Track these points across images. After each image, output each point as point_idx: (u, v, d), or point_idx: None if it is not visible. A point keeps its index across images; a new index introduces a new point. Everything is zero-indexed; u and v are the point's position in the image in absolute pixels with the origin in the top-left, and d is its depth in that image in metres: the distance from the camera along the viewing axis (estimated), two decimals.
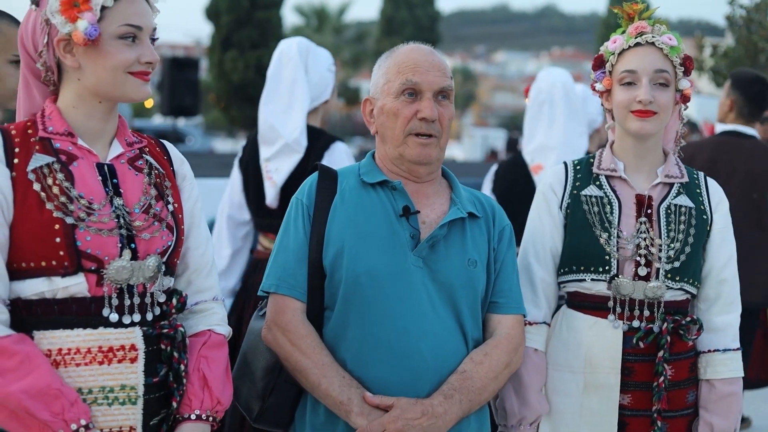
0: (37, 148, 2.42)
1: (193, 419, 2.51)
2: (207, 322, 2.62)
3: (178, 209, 2.58)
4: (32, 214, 2.36)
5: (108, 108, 2.50)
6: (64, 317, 2.38)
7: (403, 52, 2.88)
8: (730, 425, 3.03)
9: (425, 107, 2.78)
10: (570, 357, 3.04)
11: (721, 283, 3.07)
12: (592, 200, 3.05)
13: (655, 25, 3.04)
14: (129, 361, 2.42)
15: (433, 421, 2.65)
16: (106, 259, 2.39)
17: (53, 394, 2.30)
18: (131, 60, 2.45)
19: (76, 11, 2.40)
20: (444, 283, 2.77)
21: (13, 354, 2.29)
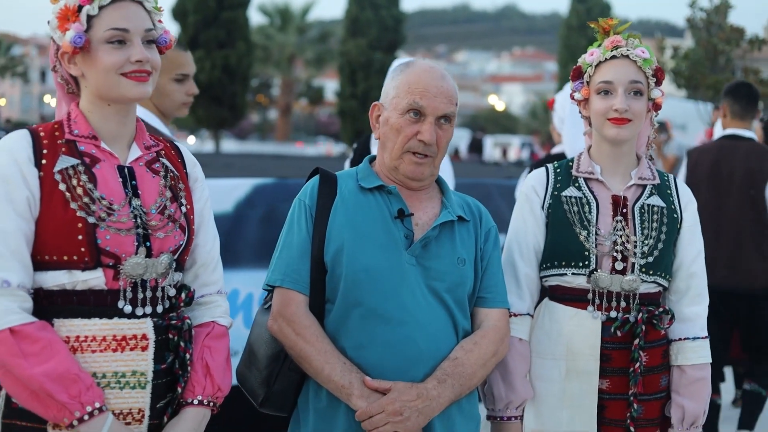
0: (63, 150, 2.58)
1: (195, 404, 2.68)
2: (211, 314, 2.80)
3: (190, 210, 2.76)
4: (57, 212, 2.53)
5: (119, 111, 2.65)
6: (82, 307, 2.55)
7: (416, 72, 3.05)
8: (700, 407, 3.26)
9: (426, 131, 2.98)
10: (552, 345, 3.25)
11: (691, 276, 3.30)
12: (572, 200, 3.27)
13: (629, 38, 3.28)
14: (140, 349, 2.59)
15: (428, 403, 2.86)
16: (123, 256, 2.56)
17: (71, 379, 2.46)
18: (120, 62, 2.58)
19: (67, 23, 2.57)
20: (436, 280, 2.98)
21: (36, 340, 2.45)
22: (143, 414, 2.60)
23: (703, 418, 3.30)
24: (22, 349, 2.43)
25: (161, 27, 2.69)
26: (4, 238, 2.49)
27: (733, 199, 6.07)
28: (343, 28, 35.57)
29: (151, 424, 2.62)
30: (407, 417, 2.83)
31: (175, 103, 4.37)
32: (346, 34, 35.16)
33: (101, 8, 2.57)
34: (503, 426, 3.25)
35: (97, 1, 2.56)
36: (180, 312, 2.70)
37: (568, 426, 3.24)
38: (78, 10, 2.56)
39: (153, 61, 2.63)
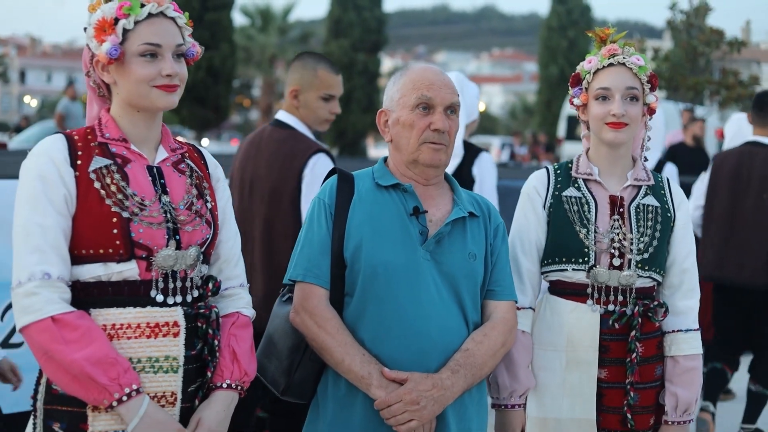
0: (97, 152, 2.76)
1: (224, 388, 2.85)
2: (235, 305, 2.97)
3: (214, 207, 2.93)
4: (93, 208, 2.70)
5: (147, 117, 2.83)
6: (117, 297, 2.72)
7: (417, 71, 3.25)
8: (692, 395, 3.45)
9: (438, 120, 3.16)
10: (553, 337, 3.44)
11: (684, 272, 3.49)
12: (572, 200, 3.46)
13: (625, 47, 3.47)
14: (172, 336, 2.76)
15: (443, 392, 3.03)
16: (155, 249, 2.74)
17: (110, 362, 2.62)
18: (152, 74, 2.76)
19: (104, 35, 2.74)
20: (448, 274, 3.15)
21: (76, 327, 2.62)
22: (176, 397, 2.76)
23: (695, 405, 3.47)
24: (63, 336, 2.59)
25: (189, 41, 2.85)
26: (44, 234, 2.65)
27: (750, 201, 6.53)
28: (326, 29, 35.56)
29: (183, 407, 2.78)
30: (424, 406, 3.00)
31: (319, 119, 4.89)
32: (328, 35, 35.19)
33: (137, 23, 2.74)
34: (507, 414, 3.42)
35: (133, 16, 2.73)
36: (207, 301, 2.87)
37: (568, 413, 3.41)
38: (114, 22, 2.73)
39: (181, 74, 2.81)
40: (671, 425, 3.45)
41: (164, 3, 2.78)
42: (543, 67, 42.25)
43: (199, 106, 28.64)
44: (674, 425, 3.45)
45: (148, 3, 2.75)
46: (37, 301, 2.61)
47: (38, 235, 2.65)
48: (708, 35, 21.81)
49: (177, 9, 2.82)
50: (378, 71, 36.00)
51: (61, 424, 2.71)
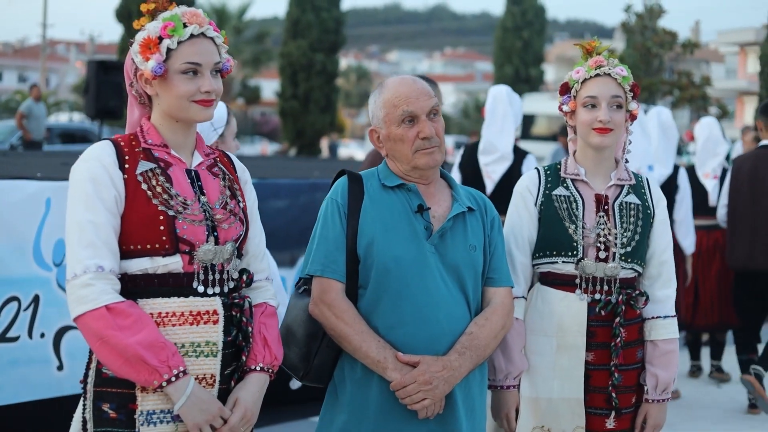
0: (142, 156, 3.03)
1: (257, 370, 3.13)
2: (263, 296, 3.25)
3: (245, 207, 3.21)
4: (141, 207, 2.97)
5: (185, 126, 3.11)
6: (163, 288, 2.98)
7: (392, 87, 3.50)
8: (670, 375, 3.78)
9: (424, 128, 3.43)
10: (544, 324, 3.74)
11: (662, 264, 3.81)
12: (561, 199, 3.77)
13: (610, 58, 3.80)
14: (212, 323, 3.02)
15: (452, 372, 3.33)
16: (197, 244, 3.00)
17: (160, 346, 2.88)
18: (192, 91, 3.03)
19: (149, 53, 3.01)
20: (452, 265, 3.43)
21: (129, 315, 2.88)
22: (215, 379, 3.03)
23: (672, 385, 3.81)
24: (117, 323, 2.85)
25: (225, 57, 3.12)
26: (97, 230, 2.91)
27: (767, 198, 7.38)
28: (284, 29, 35.66)
29: (221, 388, 3.05)
30: (436, 385, 3.30)
31: None
32: (286, 36, 35.29)
33: (180, 43, 3.00)
34: (503, 394, 3.74)
35: (177, 37, 2.99)
36: (241, 292, 3.14)
37: (558, 393, 3.72)
38: (159, 41, 2.99)
39: (217, 89, 3.08)
40: (651, 403, 3.77)
41: (204, 24, 3.04)
42: (498, 67, 42.64)
43: None
44: (654, 403, 3.77)
45: (190, 24, 3.01)
46: (92, 291, 2.87)
47: (91, 231, 2.90)
48: (661, 37, 22.37)
49: (215, 29, 3.08)
50: (336, 71, 36.15)
51: (110, 405, 2.96)
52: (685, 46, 22.27)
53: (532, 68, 42.11)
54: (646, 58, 22.15)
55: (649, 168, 7.63)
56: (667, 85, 22.02)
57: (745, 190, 7.52)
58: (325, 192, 6.99)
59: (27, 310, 5.74)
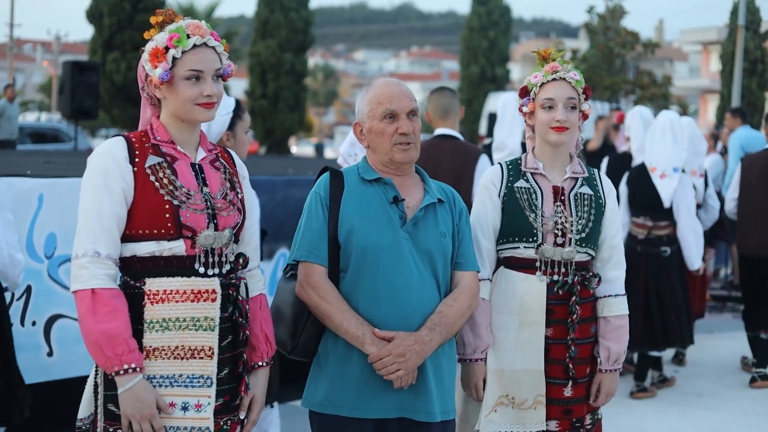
0: (151, 151, 3.38)
1: (264, 366, 3.55)
2: (257, 287, 3.62)
3: (243, 198, 3.56)
4: (149, 197, 3.31)
5: (189, 126, 3.45)
6: (168, 269, 3.32)
7: (379, 86, 3.89)
8: (621, 348, 4.16)
9: (403, 125, 3.81)
10: (508, 303, 4.10)
11: (613, 248, 4.20)
12: (522, 190, 4.14)
13: (564, 64, 4.20)
14: (211, 301, 3.34)
15: (423, 346, 3.68)
16: (198, 230, 3.33)
17: (120, 341, 3.18)
18: (195, 95, 3.37)
19: (157, 61, 3.37)
20: (424, 251, 3.78)
21: (107, 304, 3.20)
22: (213, 351, 3.37)
23: (623, 356, 4.20)
24: (94, 308, 3.20)
25: (226, 62, 3.47)
26: (99, 218, 3.26)
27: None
28: (253, 29, 35.76)
29: (219, 358, 3.39)
30: (408, 358, 3.64)
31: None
32: (256, 36, 35.41)
33: (184, 52, 3.35)
34: (471, 366, 4.10)
35: (181, 47, 3.34)
36: (237, 274, 3.50)
37: (521, 365, 4.08)
38: (165, 51, 3.35)
39: (218, 93, 3.42)
40: (605, 373, 4.16)
41: (206, 35, 3.39)
42: (464, 66, 42.93)
43: (130, 105, 28.81)
44: (607, 373, 4.16)
45: (193, 35, 3.36)
46: (86, 273, 3.23)
47: (95, 219, 3.25)
48: (623, 37, 22.82)
49: (216, 38, 3.43)
50: (305, 71, 36.30)
51: None
52: (646, 46, 22.72)
53: (498, 67, 42.44)
54: (609, 58, 22.57)
55: (674, 170, 7.84)
56: (629, 84, 22.45)
57: (757, 186, 8.58)
58: (300, 188, 7.32)
59: (20, 299, 6.01)
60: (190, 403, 3.33)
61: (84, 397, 3.42)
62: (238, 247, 3.55)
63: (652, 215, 7.97)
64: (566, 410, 4.12)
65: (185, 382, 3.32)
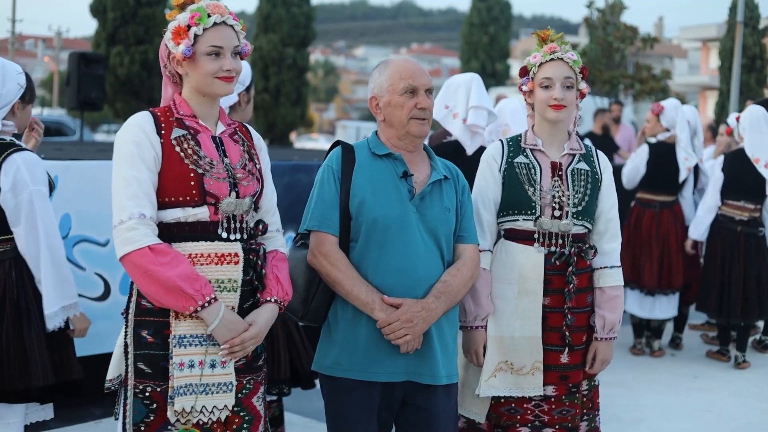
0: (175, 125, 3.56)
1: (271, 302, 3.65)
2: (274, 244, 3.77)
3: (261, 168, 3.74)
4: (175, 166, 3.48)
5: (210, 100, 3.63)
6: (193, 233, 3.48)
7: (400, 63, 4.06)
8: (616, 317, 4.33)
9: (422, 100, 3.98)
10: (508, 273, 4.24)
11: (608, 221, 4.36)
12: (521, 166, 4.30)
13: (562, 45, 4.37)
14: (233, 264, 3.51)
15: (429, 313, 3.84)
16: (221, 197, 3.50)
17: (194, 278, 3.38)
18: (215, 69, 3.55)
19: (179, 38, 3.56)
20: (430, 224, 3.93)
21: (167, 254, 3.39)
22: (234, 310, 3.54)
23: (618, 325, 4.36)
24: (158, 260, 3.38)
25: (243, 41, 3.66)
26: (140, 184, 3.44)
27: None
28: (255, 24, 35.88)
29: None
30: (415, 324, 3.80)
31: None
32: (258, 31, 35.51)
33: (205, 30, 3.54)
34: (472, 333, 4.27)
35: (202, 25, 3.53)
36: (257, 239, 3.68)
37: (520, 332, 4.23)
38: (188, 29, 3.54)
39: (237, 68, 3.60)
40: (600, 341, 4.33)
41: (225, 14, 3.58)
42: (464, 62, 42.98)
43: (134, 99, 28.94)
44: (602, 341, 4.33)
45: (213, 14, 3.55)
46: (137, 234, 3.40)
47: (135, 185, 3.43)
48: (623, 32, 22.92)
49: (235, 18, 3.62)
50: (307, 65, 36.41)
51: (148, 331, 3.49)
52: (645, 41, 22.83)
53: (498, 63, 42.55)
54: (608, 53, 22.67)
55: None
56: (628, 78, 22.57)
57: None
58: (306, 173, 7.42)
59: None
60: (217, 360, 3.50)
61: (113, 359, 3.59)
62: (258, 214, 3.73)
63: (753, 199, 8.68)
64: (563, 376, 4.27)
65: (213, 341, 3.49)
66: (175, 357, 3.44)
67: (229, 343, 3.48)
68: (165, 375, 3.46)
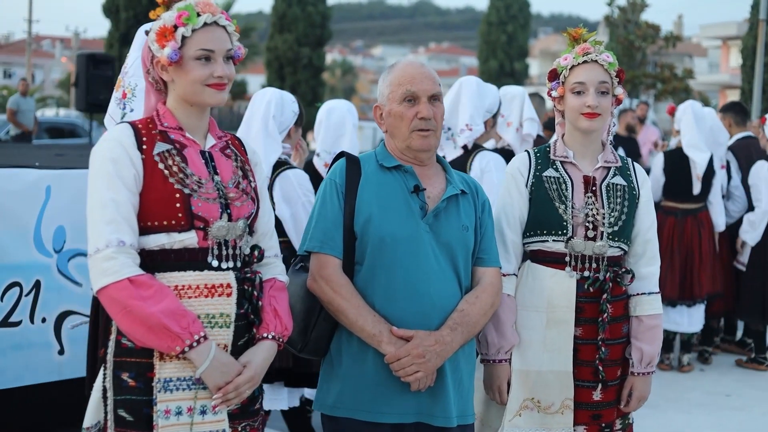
0: (159, 138, 3.18)
1: (269, 339, 3.27)
2: (272, 272, 3.40)
3: (256, 187, 3.36)
4: (158, 185, 3.11)
5: (199, 110, 3.25)
6: (179, 262, 3.12)
7: (401, 67, 3.69)
8: (655, 350, 3.94)
9: (423, 109, 3.59)
10: (535, 300, 3.87)
11: (647, 242, 3.97)
12: (551, 180, 3.91)
13: (596, 45, 3.95)
14: (226, 296, 3.15)
15: (444, 347, 3.48)
16: (211, 220, 3.15)
17: (181, 314, 3.02)
18: (205, 75, 3.17)
19: (165, 40, 3.16)
20: (445, 244, 3.57)
21: (150, 286, 3.02)
22: (227, 348, 3.17)
23: (656, 359, 3.97)
24: (140, 294, 2.99)
25: (236, 44, 3.27)
26: (118, 207, 3.06)
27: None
28: (270, 24, 35.76)
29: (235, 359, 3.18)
30: (428, 359, 3.44)
31: None
32: (273, 30, 35.39)
33: (194, 31, 3.15)
34: (495, 367, 3.89)
35: (191, 25, 3.14)
36: (253, 268, 3.30)
37: (548, 366, 3.86)
38: (174, 29, 3.14)
39: (230, 74, 3.23)
40: (637, 376, 3.94)
41: (217, 13, 3.19)
42: (482, 61, 42.83)
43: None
44: (639, 376, 3.94)
45: (203, 13, 3.16)
46: (115, 264, 3.01)
47: (113, 208, 3.05)
48: (644, 30, 22.57)
49: (227, 18, 3.23)
50: (322, 65, 36.27)
51: (129, 373, 3.11)
52: (667, 39, 22.47)
53: (516, 62, 42.34)
54: (629, 52, 22.33)
55: None
56: (650, 78, 22.21)
57: None
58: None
59: (28, 295, 5.80)
60: (208, 405, 3.13)
61: (90, 404, 3.24)
62: (253, 239, 3.37)
63: None
64: (595, 415, 3.91)
65: (202, 384, 3.13)
66: (159, 403, 3.09)
67: (222, 391, 3.12)
68: (149, 423, 3.10)
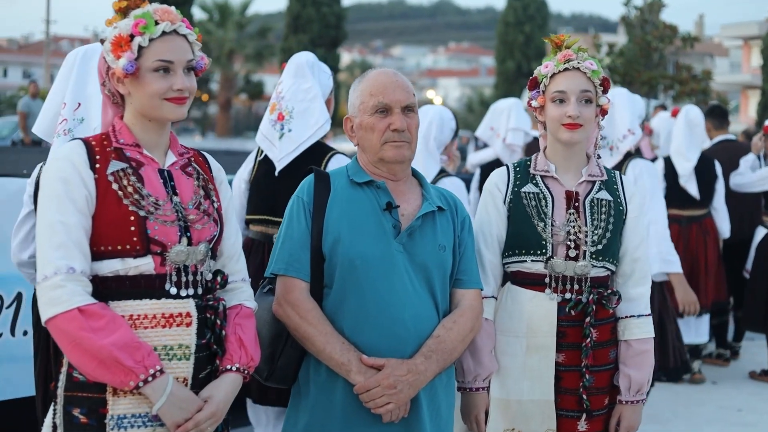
0: (113, 156, 2.97)
1: (233, 371, 3.06)
2: (238, 298, 3.19)
3: (219, 207, 3.16)
4: (111, 207, 2.91)
5: (158, 125, 3.05)
6: (134, 290, 2.93)
7: (372, 77, 3.48)
8: (644, 377, 3.69)
9: (395, 121, 3.38)
10: (514, 324, 3.65)
11: (635, 261, 3.72)
12: (530, 196, 3.68)
13: (579, 52, 3.70)
14: (185, 326, 2.96)
15: (417, 376, 3.26)
16: (168, 245, 2.95)
17: (135, 347, 2.82)
18: (164, 89, 2.97)
19: (120, 51, 2.95)
20: (420, 265, 3.36)
21: (101, 317, 2.81)
22: (187, 382, 2.97)
23: (647, 386, 3.72)
24: (90, 325, 2.78)
25: (199, 54, 3.06)
26: (68, 231, 2.85)
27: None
28: (285, 24, 35.63)
29: (193, 392, 2.97)
30: (400, 390, 3.23)
31: None
32: (287, 31, 35.28)
33: (151, 40, 2.94)
34: (472, 396, 3.65)
35: (148, 34, 2.93)
36: (216, 294, 3.09)
37: (529, 395, 3.64)
38: (130, 39, 2.93)
39: (191, 87, 3.02)
40: (625, 404, 3.69)
41: (177, 21, 2.99)
42: (500, 61, 42.68)
43: None
44: (628, 404, 3.69)
45: (162, 21, 2.95)
46: (64, 293, 2.80)
47: (62, 232, 2.84)
48: (661, 31, 22.27)
49: (188, 26, 3.03)
50: (337, 66, 36.11)
51: (81, 409, 2.90)
52: (685, 40, 22.16)
53: (534, 62, 42.06)
54: (646, 52, 22.04)
55: None
56: (668, 79, 21.92)
57: None
58: None
59: (9, 308, 5.66)
60: None
61: None
62: (216, 263, 3.17)
63: None
64: None
65: (159, 421, 2.91)
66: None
67: (181, 429, 2.90)
68: None
